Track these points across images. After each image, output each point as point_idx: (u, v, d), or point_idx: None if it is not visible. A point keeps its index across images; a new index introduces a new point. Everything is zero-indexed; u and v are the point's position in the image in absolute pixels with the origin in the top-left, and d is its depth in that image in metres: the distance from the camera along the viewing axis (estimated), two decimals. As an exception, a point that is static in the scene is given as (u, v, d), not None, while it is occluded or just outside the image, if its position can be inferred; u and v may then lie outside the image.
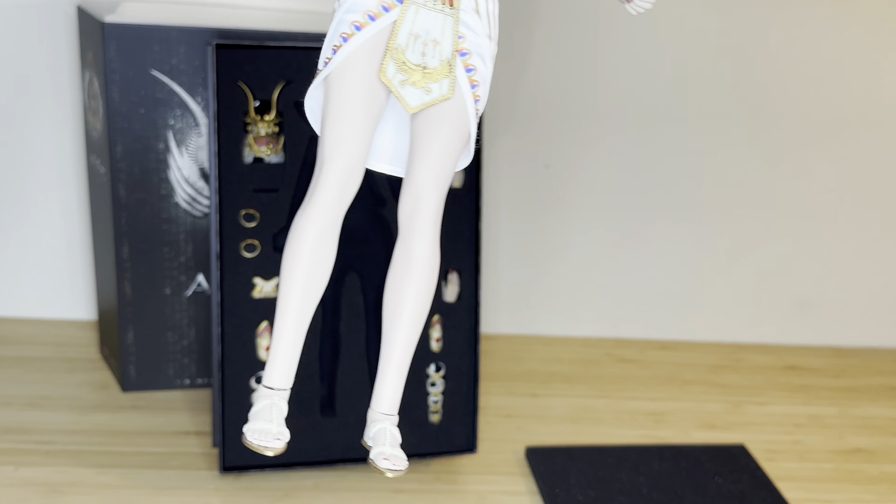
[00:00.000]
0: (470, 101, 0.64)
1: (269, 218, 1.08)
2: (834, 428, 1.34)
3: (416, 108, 0.63)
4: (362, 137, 0.63)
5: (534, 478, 1.16)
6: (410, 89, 0.62)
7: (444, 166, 0.65)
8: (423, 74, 0.62)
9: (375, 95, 0.62)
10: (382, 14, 0.60)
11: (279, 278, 0.69)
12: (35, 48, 1.34)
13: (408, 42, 0.60)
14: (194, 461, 1.14)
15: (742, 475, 1.17)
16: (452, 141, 0.64)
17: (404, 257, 0.69)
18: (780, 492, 1.15)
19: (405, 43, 0.60)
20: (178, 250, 1.25)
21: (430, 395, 1.15)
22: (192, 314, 1.28)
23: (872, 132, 1.49)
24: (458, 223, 1.13)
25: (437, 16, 0.59)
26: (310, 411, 1.11)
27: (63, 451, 1.14)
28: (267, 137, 1.07)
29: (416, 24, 0.60)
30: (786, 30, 1.43)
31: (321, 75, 0.65)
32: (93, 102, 1.23)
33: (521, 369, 1.44)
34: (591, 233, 1.51)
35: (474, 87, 0.64)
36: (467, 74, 0.63)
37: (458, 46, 0.62)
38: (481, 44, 0.63)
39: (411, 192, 0.67)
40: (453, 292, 1.14)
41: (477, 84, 0.64)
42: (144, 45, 1.16)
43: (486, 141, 1.42)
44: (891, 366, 1.54)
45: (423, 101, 0.62)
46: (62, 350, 1.37)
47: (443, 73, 0.62)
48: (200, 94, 1.20)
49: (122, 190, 1.20)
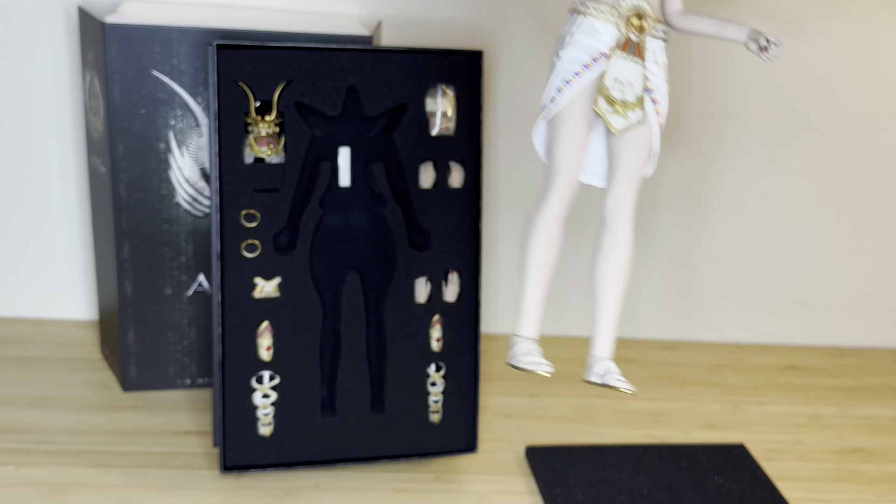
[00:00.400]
0: (655, 125, 0.88)
1: (270, 218, 1.08)
2: (834, 428, 1.34)
3: (620, 130, 0.86)
4: (579, 154, 0.88)
5: (534, 477, 1.16)
6: (615, 117, 0.86)
7: (637, 173, 0.88)
8: (624, 106, 0.86)
9: (588, 123, 0.87)
10: (594, 65, 0.85)
11: (521, 258, 0.92)
12: (36, 48, 1.34)
13: (612, 84, 0.85)
14: (195, 461, 1.14)
15: (742, 475, 1.17)
16: (642, 154, 0.88)
17: (610, 239, 0.92)
18: (779, 491, 1.15)
19: (610, 84, 0.84)
20: (179, 250, 1.25)
21: (431, 395, 1.15)
22: (193, 314, 1.28)
23: (875, 132, 1.49)
24: (458, 223, 1.14)
25: (631, 65, 0.84)
26: (310, 411, 1.12)
27: (64, 450, 1.14)
28: (268, 138, 1.07)
29: (618, 71, 0.84)
30: (786, 30, 1.44)
31: (550, 112, 0.88)
32: (94, 103, 1.23)
33: (522, 369, 1.44)
34: (589, 233, 1.51)
35: (658, 115, 0.88)
36: (653, 106, 0.87)
37: (646, 86, 0.86)
38: (660, 84, 0.87)
39: (614, 194, 0.89)
40: (453, 292, 1.15)
41: (659, 113, 0.88)
42: (145, 46, 1.17)
43: (486, 141, 1.42)
44: (891, 366, 1.54)
45: (625, 125, 0.86)
46: (63, 350, 1.38)
47: (637, 105, 0.86)
48: (201, 94, 1.20)
49: (122, 190, 1.21)
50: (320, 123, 1.09)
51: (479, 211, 1.14)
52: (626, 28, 0.81)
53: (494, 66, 1.41)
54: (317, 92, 1.08)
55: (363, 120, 1.11)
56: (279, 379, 1.11)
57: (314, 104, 1.08)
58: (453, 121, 1.12)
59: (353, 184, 1.11)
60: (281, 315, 1.10)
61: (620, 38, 0.81)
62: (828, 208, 1.52)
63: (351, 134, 1.10)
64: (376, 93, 1.10)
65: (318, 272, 1.11)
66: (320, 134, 1.10)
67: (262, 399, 1.10)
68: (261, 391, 1.10)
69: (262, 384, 1.10)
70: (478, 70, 1.12)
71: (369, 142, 1.11)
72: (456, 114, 1.12)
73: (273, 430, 1.11)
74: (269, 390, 1.10)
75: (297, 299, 1.10)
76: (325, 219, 1.11)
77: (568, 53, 0.85)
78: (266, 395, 1.10)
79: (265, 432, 1.11)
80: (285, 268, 1.09)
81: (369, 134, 1.11)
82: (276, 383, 1.11)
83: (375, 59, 1.09)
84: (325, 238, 1.11)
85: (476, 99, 1.12)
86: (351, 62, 1.08)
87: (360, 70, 1.09)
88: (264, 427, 1.11)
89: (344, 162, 1.10)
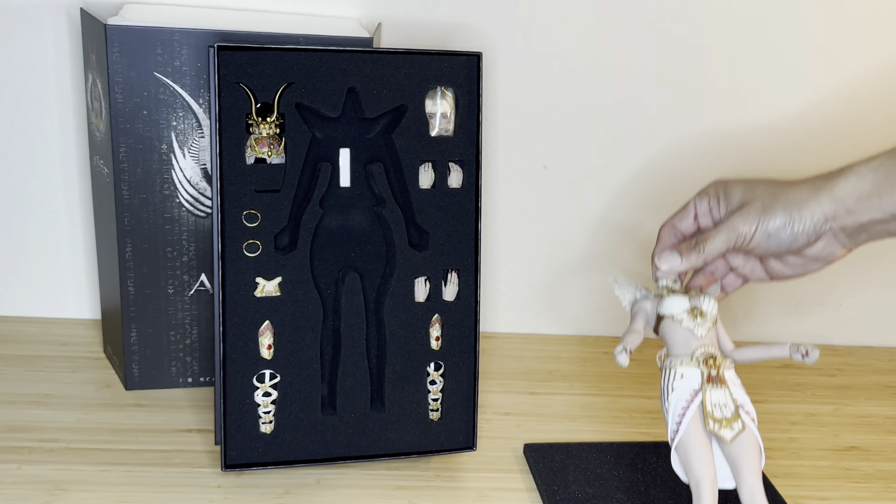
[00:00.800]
0: (755, 430, 1.02)
1: (271, 218, 1.09)
2: (829, 426, 1.35)
3: (731, 440, 1.00)
4: (711, 463, 1.00)
5: (532, 474, 1.16)
6: (724, 430, 1.00)
7: (758, 467, 1.01)
8: (727, 421, 1.00)
9: (707, 439, 1.01)
10: (695, 398, 1.00)
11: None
12: (38, 50, 1.35)
13: (712, 408, 1.00)
14: (197, 459, 1.15)
15: None
16: (755, 452, 1.01)
17: None
18: (775, 487, 1.16)
19: (710, 409, 1.00)
20: (181, 250, 1.26)
21: (430, 393, 1.16)
22: (195, 313, 1.29)
23: (872, 132, 1.49)
24: (457, 223, 1.14)
25: (719, 391, 1.00)
26: (311, 409, 1.12)
27: (67, 448, 1.15)
28: (268, 139, 1.08)
29: (712, 398, 1.00)
30: (785, 28, 1.44)
31: (677, 442, 1.01)
32: (96, 104, 1.24)
33: (520, 367, 1.45)
34: (589, 232, 1.52)
35: (753, 421, 1.02)
36: (747, 415, 1.02)
37: (735, 403, 1.01)
38: (744, 397, 1.02)
39: (747, 487, 1.00)
40: (452, 291, 1.15)
41: (754, 420, 1.02)
42: (147, 48, 1.17)
43: (485, 142, 1.43)
44: (886, 364, 1.55)
45: (732, 435, 1.00)
46: (66, 349, 1.38)
47: (736, 418, 1.00)
48: (203, 95, 1.21)
49: (125, 190, 1.21)
50: (321, 124, 1.10)
51: (478, 211, 1.14)
52: (705, 368, 0.99)
53: (493, 67, 1.42)
54: (317, 93, 1.09)
55: (363, 121, 1.11)
56: (280, 377, 1.11)
57: (315, 105, 1.09)
58: (452, 122, 1.13)
59: (353, 184, 1.11)
60: (282, 314, 1.10)
61: (704, 375, 0.99)
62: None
63: (351, 135, 1.11)
64: (376, 94, 1.10)
65: (319, 272, 1.12)
66: (321, 135, 1.10)
67: (263, 397, 1.11)
68: (262, 389, 1.10)
69: (263, 382, 1.11)
70: (477, 72, 1.13)
71: (369, 143, 1.12)
72: (455, 115, 1.13)
73: (274, 428, 1.11)
74: (269, 389, 1.11)
75: (297, 298, 1.11)
76: (326, 219, 1.11)
77: (673, 399, 1.01)
78: (267, 393, 1.11)
79: (266, 430, 1.11)
80: (286, 267, 1.10)
81: (369, 135, 1.12)
82: (276, 382, 1.11)
83: (375, 60, 1.10)
84: (326, 238, 1.11)
85: (475, 100, 1.13)
86: (351, 64, 1.09)
87: (360, 72, 1.09)
88: (265, 425, 1.11)
89: (344, 162, 1.11)
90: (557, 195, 1.49)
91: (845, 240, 0.96)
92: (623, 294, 1.07)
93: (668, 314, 1.00)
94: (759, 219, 0.95)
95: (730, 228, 0.97)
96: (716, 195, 1.01)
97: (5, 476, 1.09)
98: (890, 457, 1.28)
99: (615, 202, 1.50)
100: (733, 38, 1.43)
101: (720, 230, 0.98)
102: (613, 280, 1.09)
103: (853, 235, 0.95)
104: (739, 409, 1.00)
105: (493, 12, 1.39)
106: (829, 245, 0.97)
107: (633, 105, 1.45)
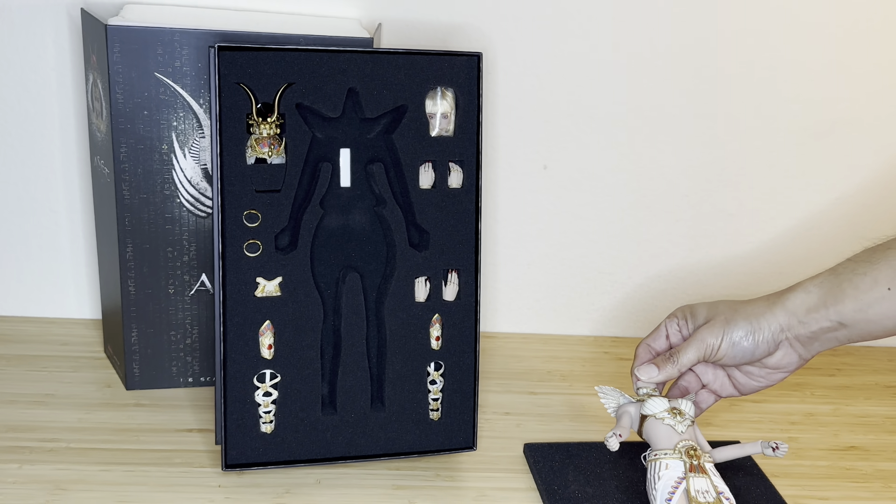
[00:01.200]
0: None
1: (271, 218, 1.09)
2: (829, 426, 1.35)
3: None
4: None
5: (532, 474, 1.17)
6: None
7: None
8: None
9: None
10: (679, 486, 1.03)
11: None
12: (39, 50, 1.35)
13: (696, 494, 1.02)
14: (197, 458, 1.15)
15: (737, 471, 1.18)
16: None
17: None
18: (775, 487, 1.16)
19: (695, 495, 1.02)
20: (182, 250, 1.26)
21: (430, 393, 1.16)
22: (195, 313, 1.29)
23: (870, 133, 1.49)
24: (457, 223, 1.14)
25: (702, 479, 1.03)
26: (311, 409, 1.12)
27: (67, 448, 1.15)
28: (269, 139, 1.08)
29: (695, 485, 1.03)
30: (784, 29, 1.44)
31: None
32: (96, 104, 1.24)
33: (520, 367, 1.45)
34: (588, 232, 1.52)
35: None
36: (727, 501, 1.04)
37: (716, 489, 1.04)
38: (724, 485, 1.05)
39: None
40: (453, 291, 1.15)
41: (728, 500, 1.04)
42: (148, 48, 1.17)
43: (485, 142, 1.43)
44: (886, 364, 1.55)
45: None
46: (66, 349, 1.38)
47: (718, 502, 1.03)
48: (203, 96, 1.21)
49: (125, 191, 1.21)
50: (321, 125, 1.10)
51: (478, 211, 1.15)
52: (688, 458, 1.03)
53: (493, 67, 1.42)
54: (317, 93, 1.09)
55: (363, 121, 1.11)
56: (280, 377, 1.11)
57: (315, 106, 1.09)
58: (452, 122, 1.13)
59: (353, 184, 1.12)
60: (282, 314, 1.10)
61: (687, 465, 1.03)
62: (825, 207, 1.53)
63: (351, 135, 1.11)
64: (376, 94, 1.10)
65: (319, 272, 1.12)
66: (321, 135, 1.10)
67: (263, 397, 1.11)
68: (262, 389, 1.11)
69: (263, 382, 1.11)
70: (477, 72, 1.13)
71: (369, 143, 1.12)
72: (455, 115, 1.13)
73: (274, 428, 1.12)
74: (270, 388, 1.11)
75: (298, 298, 1.11)
76: (326, 219, 1.12)
77: (660, 486, 1.04)
78: (267, 393, 1.11)
79: (266, 430, 1.11)
80: (286, 267, 1.10)
81: (369, 135, 1.12)
82: (277, 381, 1.11)
83: (375, 61, 1.10)
84: (326, 238, 1.12)
85: (475, 100, 1.13)
86: (351, 64, 1.09)
87: (360, 72, 1.10)
88: (265, 425, 1.11)
89: (344, 163, 1.11)
90: (557, 195, 1.49)
91: (800, 348, 1.07)
92: (608, 402, 1.16)
93: (651, 413, 1.09)
94: (724, 330, 1.06)
95: (699, 340, 1.08)
96: (683, 316, 1.13)
97: (6, 476, 1.09)
98: (889, 456, 1.28)
99: (615, 202, 1.51)
100: (733, 35, 1.44)
101: (691, 343, 1.09)
102: (598, 390, 1.17)
103: (806, 344, 1.06)
104: (720, 496, 1.04)
105: (493, 12, 1.40)
106: (787, 355, 1.07)
107: (633, 105, 1.45)
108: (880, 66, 1.46)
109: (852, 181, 1.52)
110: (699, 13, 1.42)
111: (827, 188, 1.52)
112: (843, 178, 1.52)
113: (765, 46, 1.44)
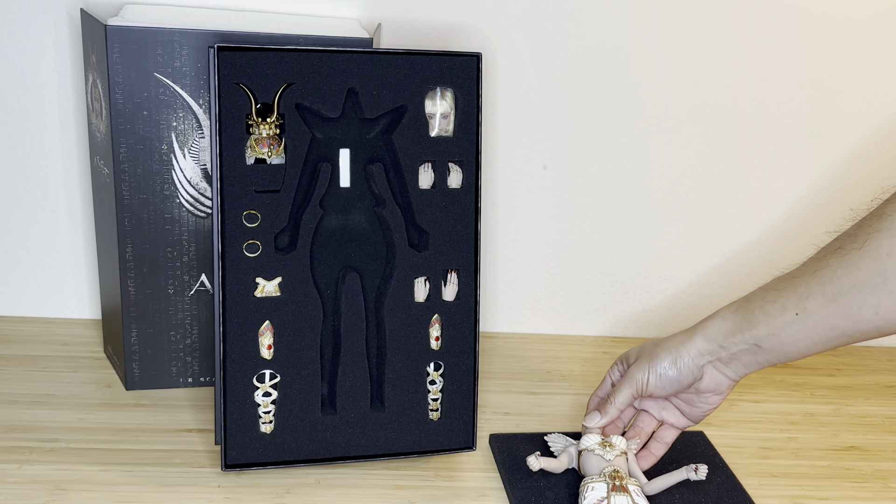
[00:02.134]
0: None
1: (271, 218, 1.09)
2: (828, 426, 1.35)
3: None
4: None
5: (496, 464, 1.17)
6: None
7: None
8: None
9: None
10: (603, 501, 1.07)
11: None
12: (39, 51, 1.35)
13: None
14: (197, 458, 1.15)
15: (701, 462, 1.19)
16: None
17: None
18: (736, 477, 1.17)
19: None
20: (181, 250, 1.26)
21: (430, 393, 1.16)
22: (195, 313, 1.29)
23: (869, 132, 1.49)
24: (457, 223, 1.15)
25: (623, 496, 1.07)
26: (311, 409, 1.13)
27: (67, 448, 1.15)
28: (268, 139, 1.08)
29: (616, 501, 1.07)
30: (784, 29, 1.44)
31: None
32: (96, 105, 1.24)
33: (520, 367, 1.45)
34: (588, 232, 1.52)
35: None
36: None
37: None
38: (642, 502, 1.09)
39: None
40: (452, 291, 1.15)
41: None
42: (147, 48, 1.17)
43: (484, 142, 1.43)
44: (885, 364, 1.55)
45: None
46: (66, 349, 1.38)
47: None
48: (203, 96, 1.21)
49: (125, 191, 1.22)
50: (320, 125, 1.10)
51: (477, 211, 1.15)
52: (610, 480, 1.09)
53: (493, 68, 1.42)
54: (317, 94, 1.09)
55: (363, 121, 1.11)
56: (280, 377, 1.11)
57: (314, 106, 1.09)
58: (452, 122, 1.13)
59: (352, 185, 1.12)
60: (282, 314, 1.11)
61: (609, 486, 1.09)
62: (824, 207, 1.53)
63: (351, 135, 1.11)
64: (376, 95, 1.11)
65: (319, 272, 1.12)
66: (321, 135, 1.11)
67: (263, 397, 1.11)
68: (262, 389, 1.11)
69: (263, 382, 1.11)
70: (476, 72, 1.13)
71: (369, 143, 1.12)
72: (454, 115, 1.13)
73: (274, 428, 1.12)
74: (269, 389, 1.11)
75: (297, 299, 1.11)
76: (326, 219, 1.12)
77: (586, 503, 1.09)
78: (267, 393, 1.11)
79: (266, 430, 1.11)
80: (286, 267, 1.10)
81: (369, 135, 1.12)
82: (276, 382, 1.11)
83: (375, 61, 1.10)
84: (326, 238, 1.12)
85: (474, 101, 1.13)
86: (351, 64, 1.09)
87: (359, 72, 1.10)
88: (265, 425, 1.11)
89: (344, 163, 1.11)
90: (557, 195, 1.49)
91: (726, 370, 1.10)
92: (555, 445, 1.20)
93: (584, 447, 1.14)
94: (649, 364, 1.13)
95: (629, 378, 1.15)
96: (620, 363, 1.20)
97: (6, 476, 1.09)
98: (889, 456, 1.28)
99: (615, 202, 1.51)
100: (733, 35, 1.44)
101: (623, 382, 1.16)
102: (547, 438, 1.22)
103: (730, 365, 1.10)
104: None
105: (493, 12, 1.40)
106: (714, 377, 1.11)
107: (633, 105, 1.46)
108: (880, 65, 1.46)
109: (852, 181, 1.52)
110: (699, 13, 1.42)
111: (827, 188, 1.52)
112: (843, 178, 1.52)
113: (765, 46, 1.44)
